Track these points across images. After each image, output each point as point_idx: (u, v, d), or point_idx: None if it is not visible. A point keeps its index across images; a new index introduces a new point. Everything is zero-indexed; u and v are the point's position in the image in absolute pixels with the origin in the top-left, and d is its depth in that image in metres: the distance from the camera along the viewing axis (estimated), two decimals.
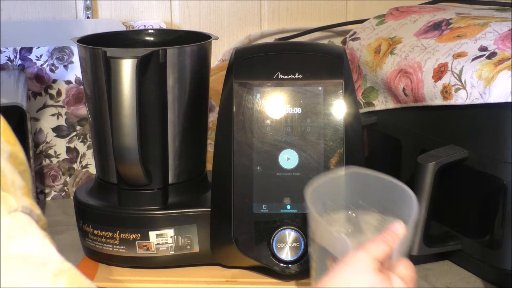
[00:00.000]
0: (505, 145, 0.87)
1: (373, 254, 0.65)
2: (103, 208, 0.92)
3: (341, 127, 0.88)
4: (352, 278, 0.63)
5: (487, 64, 0.89)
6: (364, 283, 0.63)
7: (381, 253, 0.65)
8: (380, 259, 0.65)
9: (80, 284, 0.47)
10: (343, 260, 0.65)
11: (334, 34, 1.37)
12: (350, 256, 0.65)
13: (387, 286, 0.64)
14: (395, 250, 0.67)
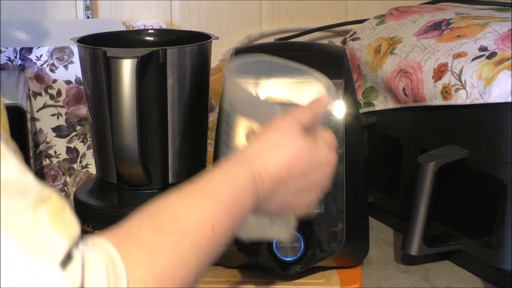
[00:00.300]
0: (505, 145, 0.87)
1: (300, 119, 0.66)
2: (103, 208, 0.92)
3: (341, 127, 0.88)
4: (279, 140, 0.64)
5: (487, 64, 0.89)
6: (291, 144, 0.64)
7: (307, 119, 0.67)
8: (305, 124, 0.67)
9: (61, 216, 0.45)
10: (270, 124, 0.66)
11: (334, 34, 1.36)
12: (278, 120, 0.66)
13: (312, 147, 0.66)
14: (319, 117, 0.69)
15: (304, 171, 0.65)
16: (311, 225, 0.87)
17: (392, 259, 0.98)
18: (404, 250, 0.93)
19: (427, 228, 0.93)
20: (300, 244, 0.87)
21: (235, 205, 0.58)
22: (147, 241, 0.50)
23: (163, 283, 0.50)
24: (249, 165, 0.61)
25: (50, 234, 0.44)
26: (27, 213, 0.44)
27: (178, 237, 0.52)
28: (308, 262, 0.87)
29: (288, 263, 0.87)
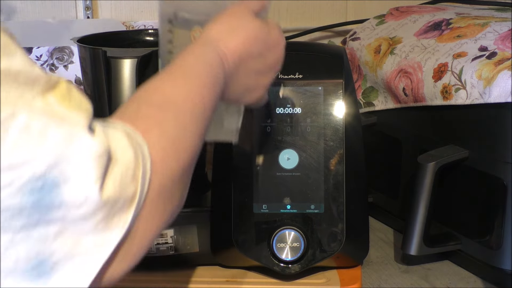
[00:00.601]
0: (505, 145, 0.87)
1: (251, 6, 0.70)
2: None
3: (341, 127, 0.88)
4: (236, 23, 0.67)
5: (487, 64, 0.89)
6: (248, 26, 0.68)
7: (258, 7, 0.70)
8: (256, 12, 0.70)
9: (71, 97, 0.48)
10: (224, 11, 0.69)
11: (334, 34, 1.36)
12: (232, 6, 0.69)
13: (265, 29, 0.69)
14: (266, 8, 0.72)
15: (261, 52, 0.69)
16: (311, 225, 0.87)
17: (392, 259, 0.99)
18: (404, 250, 0.93)
19: (427, 228, 0.93)
20: (300, 244, 0.87)
21: (213, 82, 0.62)
22: (151, 117, 0.54)
23: (176, 149, 0.54)
24: (214, 46, 0.65)
25: (66, 112, 0.47)
26: (38, 100, 0.46)
27: (174, 110, 0.56)
28: (308, 262, 0.87)
29: (288, 263, 0.87)
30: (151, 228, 0.52)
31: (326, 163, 0.88)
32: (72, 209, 0.46)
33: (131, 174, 0.49)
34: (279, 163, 0.88)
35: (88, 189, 0.46)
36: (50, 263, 0.46)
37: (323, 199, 0.87)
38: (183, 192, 0.56)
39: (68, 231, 0.46)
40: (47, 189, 0.45)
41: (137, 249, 0.52)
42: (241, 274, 0.91)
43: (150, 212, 0.51)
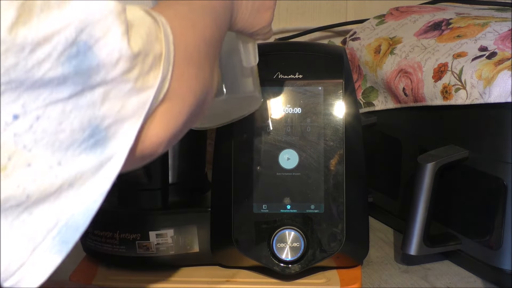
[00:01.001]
0: (505, 145, 0.87)
1: None
2: (103, 208, 0.91)
3: (341, 127, 0.88)
4: None
5: (487, 64, 0.89)
6: None
7: None
8: None
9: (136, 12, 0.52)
10: None
11: (334, 34, 1.36)
12: None
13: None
14: None
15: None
16: (311, 225, 0.87)
17: (392, 259, 0.99)
18: (404, 250, 0.93)
19: (427, 228, 0.93)
20: (300, 244, 0.87)
21: None
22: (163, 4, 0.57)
23: (193, 24, 0.56)
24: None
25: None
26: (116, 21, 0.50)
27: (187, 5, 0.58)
28: (308, 262, 0.87)
29: (288, 263, 0.87)
30: (187, 91, 0.54)
31: (326, 163, 0.88)
32: (110, 68, 0.49)
33: (154, 34, 0.52)
34: (279, 163, 0.88)
35: (118, 43, 0.49)
36: (103, 128, 0.49)
37: (323, 199, 0.87)
38: (211, 68, 0.58)
39: (112, 93, 0.49)
40: (82, 53, 0.47)
41: (179, 111, 0.54)
42: (241, 274, 0.91)
43: (182, 75, 0.54)
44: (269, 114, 0.89)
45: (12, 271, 0.48)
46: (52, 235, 0.48)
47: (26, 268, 0.48)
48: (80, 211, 0.49)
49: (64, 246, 0.49)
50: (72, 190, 0.48)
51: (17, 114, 0.46)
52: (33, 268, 0.48)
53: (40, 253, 0.48)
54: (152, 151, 0.54)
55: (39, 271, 0.48)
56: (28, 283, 0.48)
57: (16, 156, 0.46)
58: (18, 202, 0.47)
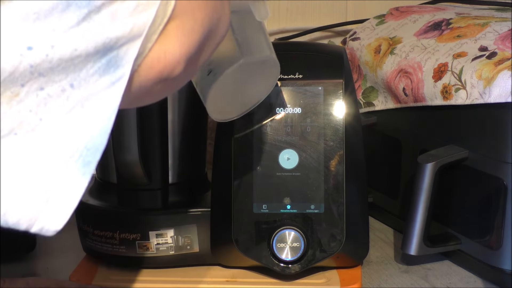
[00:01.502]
0: (505, 145, 0.87)
1: None
2: (103, 208, 0.92)
3: (341, 127, 0.88)
4: None
5: (487, 64, 0.89)
6: None
7: None
8: None
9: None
10: None
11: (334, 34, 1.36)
12: None
13: None
14: None
15: None
16: (311, 225, 0.87)
17: (392, 259, 0.99)
18: (404, 250, 0.93)
19: (427, 228, 0.93)
20: (300, 244, 0.87)
21: None
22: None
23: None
24: None
25: None
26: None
27: None
28: (308, 262, 0.87)
29: (288, 263, 0.87)
30: (196, 8, 0.53)
31: (326, 163, 0.88)
32: None
33: None
34: (279, 163, 0.88)
35: None
36: (116, 48, 0.48)
37: (323, 199, 0.87)
38: None
39: (119, 13, 0.48)
40: None
41: (190, 28, 0.53)
42: (241, 274, 0.91)
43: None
44: (269, 114, 0.89)
45: (40, 207, 0.47)
46: (74, 159, 0.48)
47: (55, 198, 0.47)
48: (96, 132, 0.49)
49: (87, 168, 0.48)
50: (84, 111, 0.48)
51: (31, 46, 0.45)
52: (62, 195, 0.47)
53: (66, 178, 0.48)
54: (170, 71, 0.52)
55: (68, 198, 0.48)
56: (61, 214, 0.47)
57: (30, 83, 0.46)
58: (32, 127, 0.46)
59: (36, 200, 0.47)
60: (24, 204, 0.47)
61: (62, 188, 0.48)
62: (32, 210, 0.47)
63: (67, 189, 0.48)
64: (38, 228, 0.47)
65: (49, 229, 0.48)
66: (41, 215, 0.47)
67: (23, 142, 0.47)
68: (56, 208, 0.48)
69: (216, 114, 0.80)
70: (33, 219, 0.47)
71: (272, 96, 0.89)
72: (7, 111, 0.46)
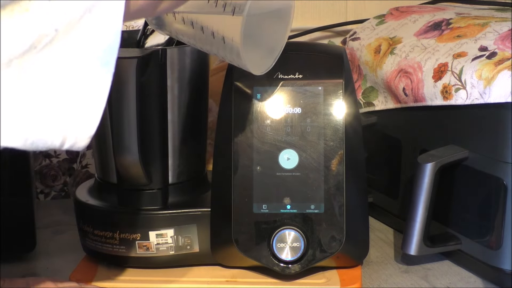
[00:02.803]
0: (505, 145, 0.87)
1: None
2: (103, 208, 0.92)
3: (341, 127, 0.88)
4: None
5: (487, 64, 0.89)
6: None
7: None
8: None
9: None
10: None
11: (334, 34, 1.36)
12: None
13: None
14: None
15: None
16: (311, 225, 0.87)
17: (392, 259, 0.99)
18: (404, 250, 0.93)
19: (427, 228, 0.93)
20: (300, 244, 0.87)
21: None
22: None
23: None
24: None
25: None
26: None
27: None
28: (308, 262, 0.87)
29: (288, 263, 0.87)
30: None
31: (326, 163, 0.88)
32: None
33: None
34: (279, 163, 0.88)
35: None
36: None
37: (323, 199, 0.87)
38: None
39: None
40: None
41: None
42: (241, 274, 0.91)
43: None
44: (269, 114, 0.89)
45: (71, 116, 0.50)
46: (93, 61, 0.51)
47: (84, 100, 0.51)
48: (109, 33, 0.51)
49: (107, 68, 0.51)
50: (93, 16, 0.51)
51: None
52: (90, 96, 0.50)
53: (90, 79, 0.50)
54: None
55: (96, 97, 0.51)
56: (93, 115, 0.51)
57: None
58: (50, 39, 0.49)
59: (67, 109, 0.51)
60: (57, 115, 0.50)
61: (89, 89, 0.51)
62: (64, 120, 0.51)
63: (93, 88, 0.51)
64: (73, 136, 0.51)
65: (83, 136, 0.52)
66: (73, 123, 0.52)
67: (44, 56, 0.49)
68: (87, 109, 0.51)
69: (253, 68, 0.81)
70: (65, 130, 0.51)
71: (272, 96, 0.89)
72: (22, 24, 0.48)
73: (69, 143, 0.51)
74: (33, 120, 0.49)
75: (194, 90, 0.93)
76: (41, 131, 0.49)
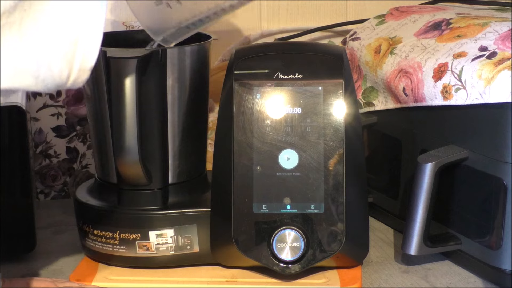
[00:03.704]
0: (505, 145, 0.87)
1: None
2: (103, 208, 0.92)
3: (341, 127, 0.88)
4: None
5: (487, 64, 0.89)
6: None
7: None
8: None
9: None
10: None
11: (334, 34, 1.36)
12: None
13: None
14: None
15: None
16: (311, 225, 0.87)
17: (392, 259, 0.99)
18: (404, 250, 0.93)
19: (427, 228, 0.93)
20: (300, 244, 0.87)
21: None
22: None
23: None
24: None
25: None
26: None
27: None
28: (308, 262, 0.87)
29: (288, 263, 0.87)
30: None
31: (326, 163, 0.88)
32: None
33: None
34: (279, 163, 0.88)
35: None
36: None
37: (323, 199, 0.87)
38: None
39: None
40: None
41: None
42: (241, 274, 0.91)
43: None
44: (269, 114, 0.89)
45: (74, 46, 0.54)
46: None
47: (84, 31, 0.54)
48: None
49: None
50: None
51: None
52: (89, 27, 0.54)
53: (87, 12, 0.54)
54: None
55: (94, 26, 0.55)
56: (94, 42, 0.55)
57: None
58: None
59: (68, 43, 0.54)
60: (60, 49, 0.55)
61: (87, 20, 0.55)
62: (67, 53, 0.55)
63: (91, 20, 0.54)
64: (76, 69, 0.56)
65: (85, 67, 0.55)
66: (75, 55, 0.55)
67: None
68: (85, 42, 0.55)
69: None
70: (69, 63, 0.55)
71: (272, 96, 0.89)
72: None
73: (73, 77, 0.53)
74: (41, 56, 0.52)
75: (194, 90, 0.93)
76: (48, 66, 0.52)
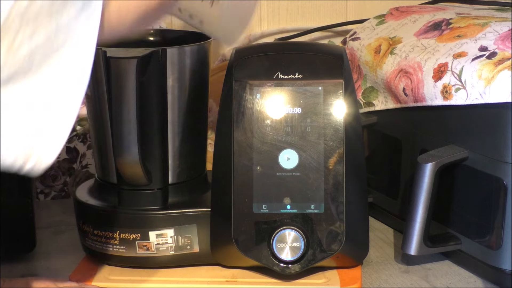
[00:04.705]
0: (505, 145, 0.87)
1: None
2: (103, 208, 0.92)
3: (341, 127, 0.88)
4: None
5: (487, 64, 0.89)
6: None
7: None
8: None
9: None
10: None
11: (334, 34, 1.36)
12: None
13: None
14: None
15: None
16: (311, 225, 0.87)
17: (392, 259, 0.99)
18: (404, 250, 0.93)
19: (427, 228, 0.93)
20: (300, 244, 0.87)
21: None
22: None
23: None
24: None
25: None
26: None
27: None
28: (308, 262, 0.87)
29: (288, 263, 0.87)
30: None
31: (326, 163, 0.88)
32: None
33: None
34: (279, 163, 0.88)
35: None
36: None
37: (323, 199, 0.87)
38: None
39: None
40: None
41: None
42: (241, 274, 0.91)
43: None
44: (269, 114, 0.89)
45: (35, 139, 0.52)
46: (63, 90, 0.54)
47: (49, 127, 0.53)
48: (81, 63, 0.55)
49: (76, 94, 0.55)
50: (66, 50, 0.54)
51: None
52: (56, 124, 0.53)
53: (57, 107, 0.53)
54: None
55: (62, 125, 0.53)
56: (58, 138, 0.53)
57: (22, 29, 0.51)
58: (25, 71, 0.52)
59: (31, 135, 0.52)
60: (21, 140, 0.51)
61: (56, 117, 0.53)
62: (27, 145, 0.52)
63: (60, 117, 0.53)
64: (33, 160, 0.52)
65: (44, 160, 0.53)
66: (37, 146, 0.52)
67: (19, 87, 0.51)
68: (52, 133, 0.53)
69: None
70: (28, 154, 0.52)
71: (272, 96, 0.89)
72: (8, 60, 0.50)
73: (31, 163, 0.51)
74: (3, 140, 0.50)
75: (194, 90, 0.93)
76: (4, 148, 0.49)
